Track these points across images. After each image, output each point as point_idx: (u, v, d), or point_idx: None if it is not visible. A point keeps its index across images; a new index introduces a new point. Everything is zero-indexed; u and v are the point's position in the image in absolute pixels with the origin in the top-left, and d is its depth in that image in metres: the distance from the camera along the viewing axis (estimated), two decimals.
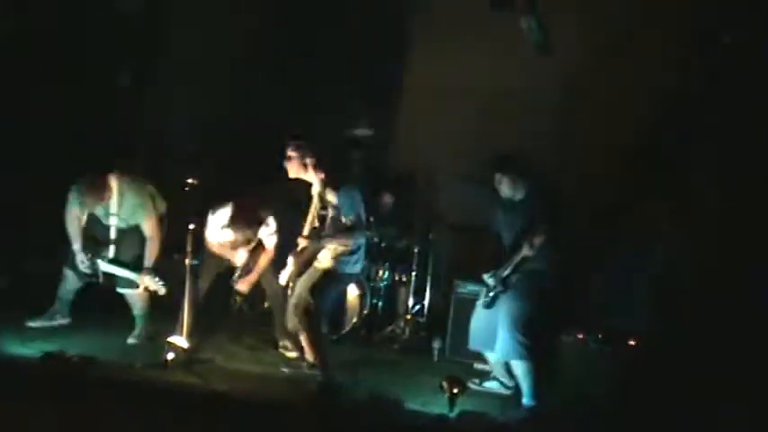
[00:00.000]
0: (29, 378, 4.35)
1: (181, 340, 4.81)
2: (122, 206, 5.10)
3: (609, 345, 4.75)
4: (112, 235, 5.14)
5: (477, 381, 5.02)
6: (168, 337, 4.82)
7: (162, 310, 5.35)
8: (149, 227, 5.14)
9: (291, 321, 4.72)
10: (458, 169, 6.38)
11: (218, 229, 5.16)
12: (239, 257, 5.23)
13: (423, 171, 6.61)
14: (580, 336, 4.89)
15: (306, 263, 4.74)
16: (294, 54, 6.59)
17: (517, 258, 4.62)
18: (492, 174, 4.80)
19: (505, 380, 4.95)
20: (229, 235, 5.18)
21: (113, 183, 5.06)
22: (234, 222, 5.12)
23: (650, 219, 5.41)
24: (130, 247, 5.17)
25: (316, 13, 6.55)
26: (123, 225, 5.14)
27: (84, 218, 5.14)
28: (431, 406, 4.40)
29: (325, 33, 6.49)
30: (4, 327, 5.02)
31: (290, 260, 4.80)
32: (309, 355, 4.72)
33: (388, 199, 6.34)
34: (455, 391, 4.22)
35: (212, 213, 5.16)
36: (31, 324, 5.22)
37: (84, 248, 5.08)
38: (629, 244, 5.52)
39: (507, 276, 4.67)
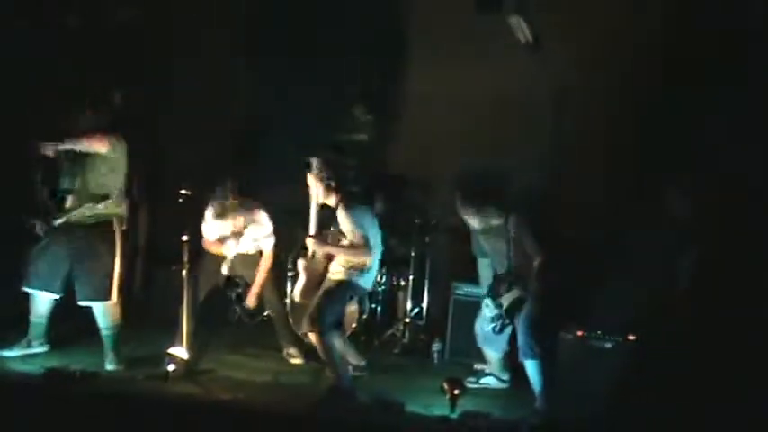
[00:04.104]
0: (31, 395, 4.37)
1: (181, 351, 4.83)
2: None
3: (608, 341, 4.77)
4: (75, 184, 4.75)
5: (473, 379, 5.07)
6: (169, 348, 4.83)
7: (161, 323, 5.37)
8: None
9: (304, 328, 4.73)
10: (452, 171, 6.41)
11: (210, 222, 5.20)
12: (229, 249, 5.24)
13: (417, 174, 6.63)
14: (579, 333, 4.91)
15: (319, 276, 4.80)
16: (291, 58, 6.60)
17: (515, 294, 4.70)
18: (459, 209, 4.84)
19: (501, 375, 5.07)
20: (218, 228, 5.21)
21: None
22: (221, 214, 5.15)
23: (648, 219, 5.42)
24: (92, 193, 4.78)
25: (312, 18, 6.56)
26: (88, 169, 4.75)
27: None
28: (432, 408, 4.42)
29: (322, 38, 6.50)
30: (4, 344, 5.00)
31: (301, 268, 4.86)
32: (326, 365, 4.72)
33: (380, 203, 6.31)
34: (456, 392, 4.24)
35: (207, 209, 5.23)
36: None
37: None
38: (628, 243, 5.53)
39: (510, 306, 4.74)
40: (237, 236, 5.28)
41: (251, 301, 5.43)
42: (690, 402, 4.30)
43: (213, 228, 5.30)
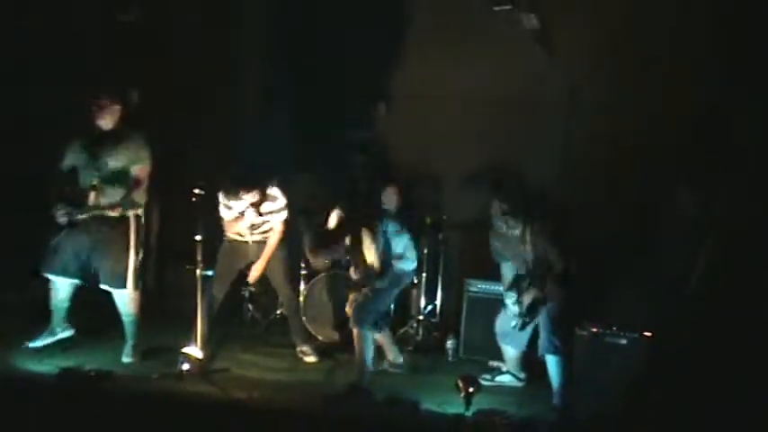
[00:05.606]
0: (47, 394, 4.39)
1: (195, 350, 4.83)
2: (121, 146, 4.90)
3: (623, 338, 4.74)
4: (95, 180, 4.88)
5: (488, 376, 5.06)
6: (183, 347, 4.83)
7: (174, 321, 5.38)
8: (140, 169, 4.97)
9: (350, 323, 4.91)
10: (464, 169, 6.39)
11: (225, 202, 5.20)
12: (248, 219, 5.22)
13: (429, 172, 6.60)
14: (594, 330, 4.88)
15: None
16: (295, 56, 6.59)
17: (534, 293, 4.68)
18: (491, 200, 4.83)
19: (518, 373, 5.03)
20: (235, 205, 5.19)
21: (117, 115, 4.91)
22: (236, 191, 5.14)
23: (661, 219, 5.37)
24: (113, 192, 4.93)
25: (318, 15, 6.55)
26: (112, 167, 4.89)
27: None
28: (447, 406, 4.41)
29: (328, 36, 6.49)
30: (20, 344, 5.02)
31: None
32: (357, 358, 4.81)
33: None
34: (470, 389, 4.22)
35: (219, 195, 5.22)
36: (32, 345, 4.98)
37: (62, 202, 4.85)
38: (641, 241, 5.48)
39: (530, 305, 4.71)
40: (256, 208, 5.23)
41: (253, 275, 5.32)
42: (705, 400, 4.26)
43: (230, 206, 5.25)
